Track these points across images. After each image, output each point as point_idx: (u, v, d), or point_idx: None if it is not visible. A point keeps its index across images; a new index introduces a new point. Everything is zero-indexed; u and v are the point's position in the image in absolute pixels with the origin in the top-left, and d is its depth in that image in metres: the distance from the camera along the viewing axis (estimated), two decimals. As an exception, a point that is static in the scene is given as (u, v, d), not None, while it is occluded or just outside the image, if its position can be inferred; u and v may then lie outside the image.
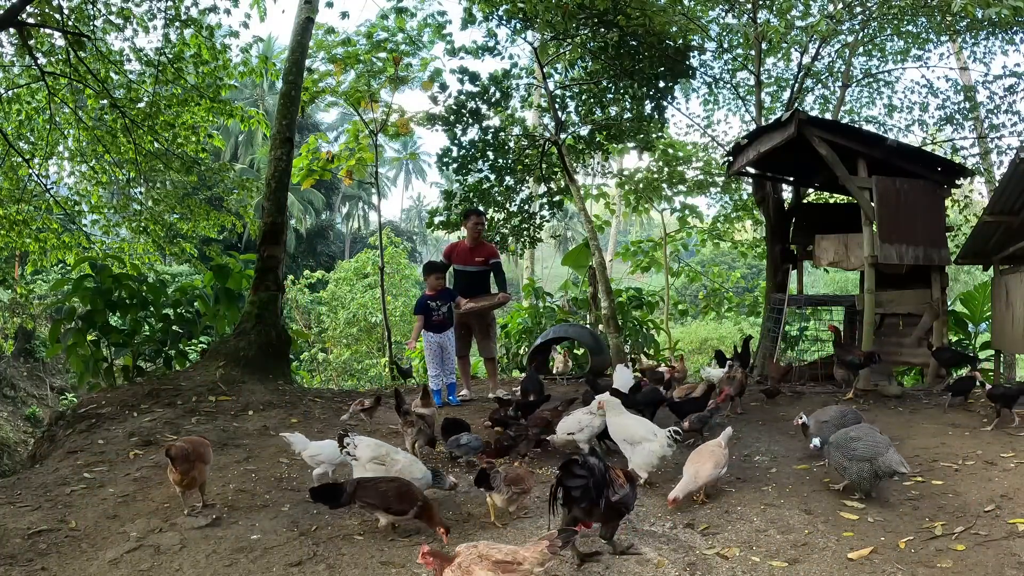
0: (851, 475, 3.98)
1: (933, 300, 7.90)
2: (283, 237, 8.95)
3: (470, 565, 2.53)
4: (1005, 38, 11.38)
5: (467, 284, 7.51)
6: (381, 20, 11.48)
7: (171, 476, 3.90)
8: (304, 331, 18.85)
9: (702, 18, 11.38)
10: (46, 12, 8.88)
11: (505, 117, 11.53)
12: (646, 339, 12.68)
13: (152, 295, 8.62)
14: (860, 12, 10.17)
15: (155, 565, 3.44)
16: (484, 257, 7.58)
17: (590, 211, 12.50)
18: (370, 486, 3.68)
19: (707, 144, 14.50)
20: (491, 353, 7.84)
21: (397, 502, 3.61)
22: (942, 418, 6.04)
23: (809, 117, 7.72)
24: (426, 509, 3.61)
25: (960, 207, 13.02)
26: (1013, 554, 3.32)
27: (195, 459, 3.92)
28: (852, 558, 3.34)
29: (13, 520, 3.95)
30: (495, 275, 7.72)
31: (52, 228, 11.36)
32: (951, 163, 8.60)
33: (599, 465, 3.29)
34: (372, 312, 21.27)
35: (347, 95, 12.06)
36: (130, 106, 10.32)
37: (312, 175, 12.78)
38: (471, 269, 7.53)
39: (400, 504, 3.60)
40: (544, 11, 9.62)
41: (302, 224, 38.09)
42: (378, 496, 3.63)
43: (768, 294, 10.26)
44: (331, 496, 3.69)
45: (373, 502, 3.63)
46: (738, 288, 19.29)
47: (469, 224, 7.69)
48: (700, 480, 3.96)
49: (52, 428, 6.41)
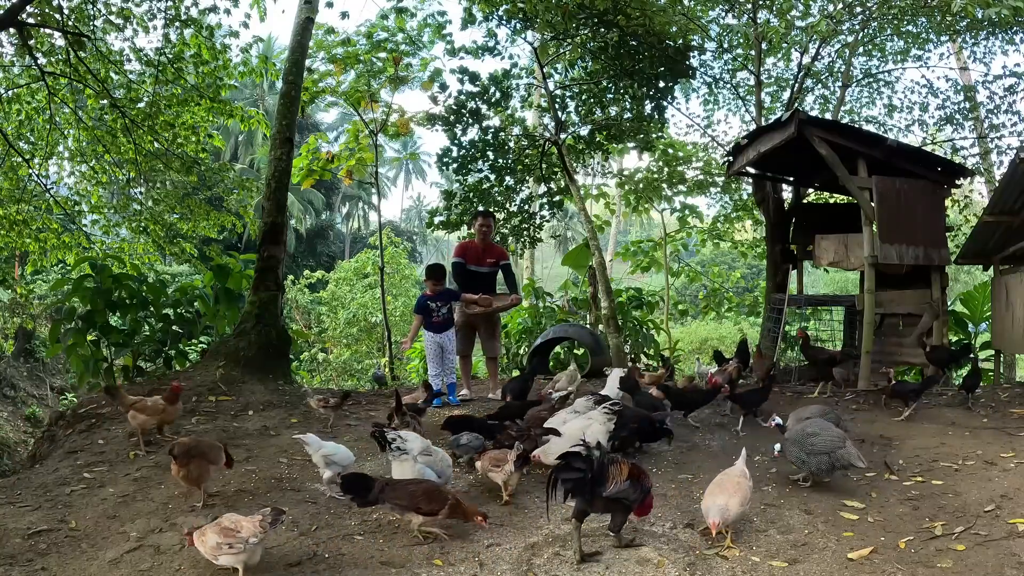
0: (810, 467, 4.13)
1: (933, 300, 7.90)
2: (283, 237, 8.95)
3: (206, 530, 3.21)
4: (1005, 38, 11.40)
5: (477, 285, 7.41)
6: (381, 20, 11.48)
7: (173, 471, 4.05)
8: (304, 331, 18.88)
9: (702, 18, 11.39)
10: (46, 12, 8.88)
11: (505, 117, 11.54)
12: (646, 339, 12.68)
13: (152, 295, 8.62)
14: (860, 12, 10.18)
15: (155, 565, 3.44)
16: (495, 258, 7.55)
17: (590, 211, 12.51)
18: (399, 488, 3.61)
19: (707, 144, 14.54)
20: (495, 352, 7.84)
21: (427, 503, 3.54)
22: (942, 418, 6.04)
23: (809, 117, 7.72)
24: (457, 506, 3.58)
25: (960, 207, 13.03)
26: (1013, 554, 3.32)
27: (196, 456, 3.99)
28: (852, 558, 3.35)
29: (13, 520, 3.95)
30: (505, 276, 7.68)
31: (52, 228, 11.35)
32: (951, 163, 8.60)
33: (599, 459, 3.34)
34: (372, 312, 21.28)
35: (347, 95, 12.06)
36: (130, 106, 10.31)
37: (312, 175, 12.78)
38: (483, 270, 7.49)
39: (430, 504, 3.54)
40: (544, 11, 9.63)
41: (302, 224, 38.10)
42: (408, 497, 3.56)
43: (768, 294, 10.26)
44: (362, 489, 3.59)
45: (403, 503, 3.56)
46: (738, 288, 19.30)
47: (477, 225, 7.63)
48: (730, 516, 3.50)
49: (52, 428, 6.41)
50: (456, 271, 7.44)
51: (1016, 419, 5.76)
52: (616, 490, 3.32)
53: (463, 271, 7.40)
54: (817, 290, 24.10)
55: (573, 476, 3.31)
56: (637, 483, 3.42)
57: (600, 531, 3.69)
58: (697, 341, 23.91)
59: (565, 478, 3.32)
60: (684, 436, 5.50)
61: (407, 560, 3.43)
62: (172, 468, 4.04)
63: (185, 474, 4.00)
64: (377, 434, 4.12)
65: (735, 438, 5.53)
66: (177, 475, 4.02)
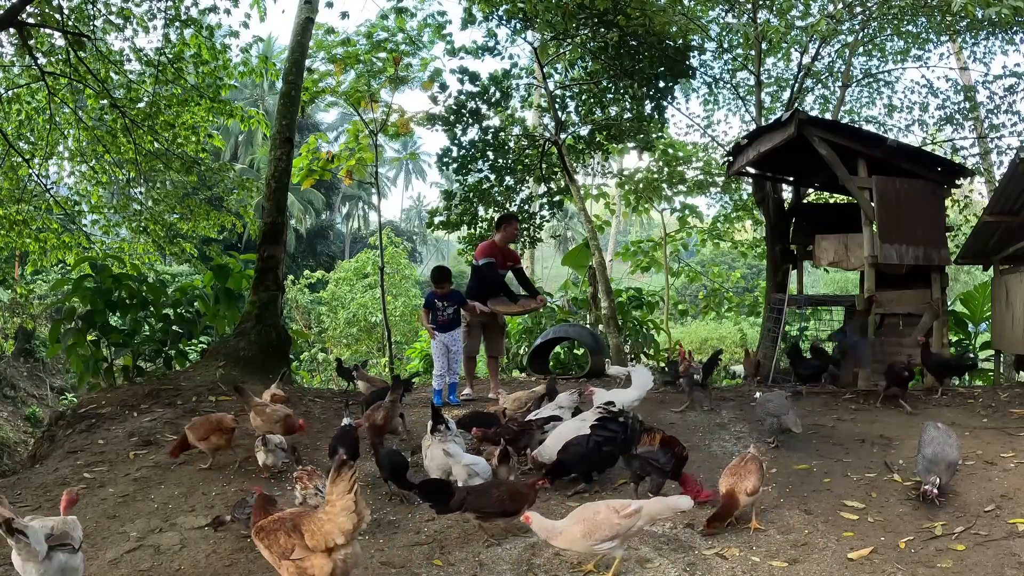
0: (767, 425, 5.20)
1: (933, 300, 7.89)
2: (283, 237, 8.95)
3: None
4: (1005, 38, 11.39)
5: (494, 286, 7.33)
6: (381, 20, 11.47)
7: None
8: (304, 331, 18.88)
9: (702, 18, 11.39)
10: (46, 12, 8.88)
11: (505, 117, 11.54)
12: (646, 339, 12.68)
13: (152, 295, 8.62)
14: (860, 12, 10.17)
15: (155, 565, 3.44)
16: (513, 261, 7.57)
17: (590, 211, 12.51)
18: (482, 494, 3.52)
19: (707, 144, 14.53)
20: (500, 352, 7.85)
21: (512, 503, 3.48)
22: (942, 418, 6.03)
23: (809, 117, 7.71)
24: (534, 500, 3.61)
25: (960, 207, 13.02)
26: (1013, 554, 3.32)
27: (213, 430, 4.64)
28: (852, 558, 3.35)
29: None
30: (522, 280, 7.67)
31: (52, 228, 11.34)
32: (951, 163, 8.59)
33: (633, 423, 4.15)
34: (372, 312, 21.28)
35: (347, 95, 12.05)
36: (130, 106, 10.31)
37: (312, 175, 12.77)
38: (501, 273, 7.48)
39: (515, 504, 3.47)
40: (544, 11, 9.63)
41: (302, 224, 38.08)
42: (495, 502, 3.49)
43: (768, 294, 10.26)
44: (442, 496, 3.50)
45: (491, 511, 3.48)
46: (738, 288, 19.28)
47: (510, 229, 7.48)
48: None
49: (52, 428, 6.41)
50: (488, 272, 7.24)
51: (1016, 419, 5.76)
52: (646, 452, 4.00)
53: (493, 271, 7.25)
54: (817, 290, 24.07)
55: (607, 436, 4.04)
56: (669, 449, 3.96)
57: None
58: (697, 341, 23.91)
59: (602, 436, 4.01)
60: (684, 436, 5.49)
61: (407, 560, 3.43)
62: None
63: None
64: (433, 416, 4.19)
65: (735, 439, 5.53)
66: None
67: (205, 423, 4.71)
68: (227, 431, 4.72)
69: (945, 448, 3.86)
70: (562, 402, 5.28)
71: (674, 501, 3.40)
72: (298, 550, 2.68)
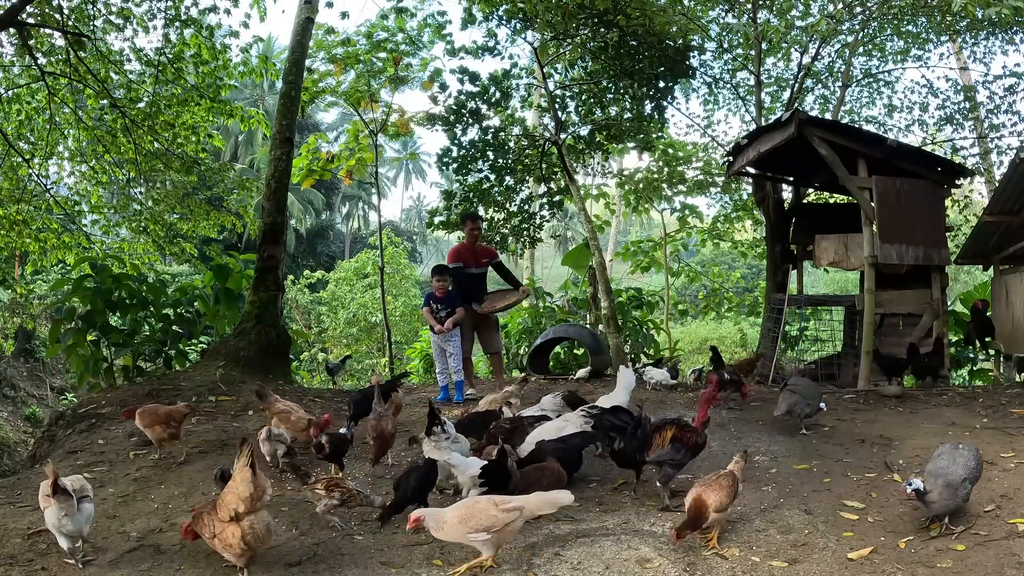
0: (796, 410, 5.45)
1: (933, 300, 7.90)
2: (283, 237, 8.94)
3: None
4: (1005, 38, 11.38)
5: (471, 286, 7.58)
6: (381, 20, 11.46)
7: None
8: (304, 331, 18.86)
9: (702, 18, 11.38)
10: (46, 12, 8.87)
11: (505, 117, 11.53)
12: (646, 339, 12.67)
13: (152, 295, 8.61)
14: (860, 12, 10.16)
15: (155, 565, 3.44)
16: (488, 258, 7.74)
17: (590, 211, 12.50)
18: (531, 477, 3.81)
19: (707, 144, 14.50)
20: (497, 348, 7.90)
21: (558, 484, 3.75)
22: (942, 418, 6.04)
23: (809, 117, 7.71)
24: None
25: (960, 207, 13.01)
26: (1013, 554, 3.32)
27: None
28: (852, 558, 3.35)
29: (13, 520, 3.96)
30: (503, 273, 7.85)
31: (52, 228, 11.34)
32: (951, 163, 8.59)
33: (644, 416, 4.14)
34: (372, 312, 21.27)
35: (347, 95, 12.04)
36: (130, 106, 10.30)
37: (312, 175, 12.77)
38: (475, 271, 7.67)
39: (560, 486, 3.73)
40: (544, 11, 9.63)
41: (302, 224, 38.06)
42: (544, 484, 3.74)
43: (768, 294, 10.26)
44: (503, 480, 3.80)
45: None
46: (738, 288, 19.29)
47: (468, 228, 7.84)
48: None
49: (52, 428, 6.42)
50: (457, 277, 7.51)
51: (1016, 419, 5.76)
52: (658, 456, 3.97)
53: (463, 275, 7.53)
54: (817, 290, 24.06)
55: (615, 423, 4.03)
56: (680, 444, 3.96)
57: (600, 530, 3.69)
58: (697, 341, 23.90)
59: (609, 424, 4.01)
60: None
61: (407, 560, 3.43)
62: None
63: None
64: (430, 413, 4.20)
65: (734, 439, 5.53)
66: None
67: (153, 412, 4.81)
68: (174, 425, 4.81)
69: (951, 466, 3.63)
70: (545, 405, 5.29)
71: (554, 496, 3.47)
72: (217, 524, 3.15)
